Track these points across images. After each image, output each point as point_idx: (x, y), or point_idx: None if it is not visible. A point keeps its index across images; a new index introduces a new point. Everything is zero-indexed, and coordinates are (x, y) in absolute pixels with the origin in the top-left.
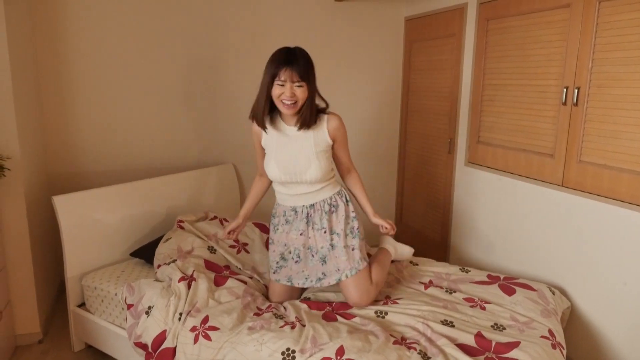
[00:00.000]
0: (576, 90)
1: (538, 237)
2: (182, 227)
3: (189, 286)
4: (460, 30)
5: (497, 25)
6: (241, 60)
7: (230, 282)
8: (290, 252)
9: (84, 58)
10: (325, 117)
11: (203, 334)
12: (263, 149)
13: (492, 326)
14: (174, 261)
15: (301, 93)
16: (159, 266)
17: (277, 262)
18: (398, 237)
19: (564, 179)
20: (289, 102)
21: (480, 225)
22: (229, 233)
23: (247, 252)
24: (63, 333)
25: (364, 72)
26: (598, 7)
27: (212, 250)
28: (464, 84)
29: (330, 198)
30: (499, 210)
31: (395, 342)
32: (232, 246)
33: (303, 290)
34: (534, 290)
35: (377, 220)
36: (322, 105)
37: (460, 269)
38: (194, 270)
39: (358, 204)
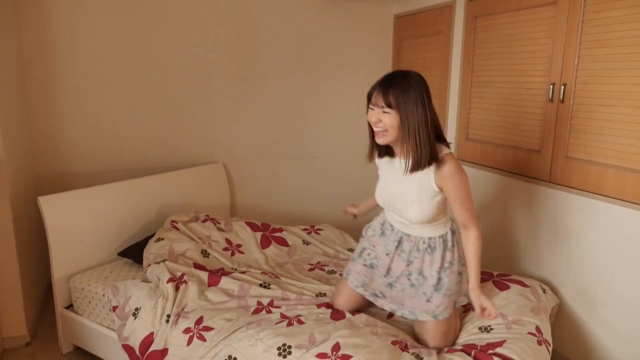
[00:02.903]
0: (562, 87)
1: (526, 232)
2: (176, 228)
3: (177, 288)
4: (448, 27)
5: (485, 23)
6: (230, 59)
7: (224, 281)
8: (377, 264)
9: (71, 57)
10: (436, 165)
11: (197, 335)
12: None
13: (479, 328)
14: (163, 261)
15: (389, 120)
16: (148, 265)
17: (367, 261)
18: None
19: (551, 175)
20: (377, 130)
21: None
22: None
23: (242, 252)
24: (51, 335)
25: (353, 70)
26: (584, 4)
27: (205, 254)
28: (453, 82)
29: (430, 238)
30: (487, 206)
31: (394, 342)
32: (225, 249)
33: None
34: (526, 286)
35: (476, 296)
36: (445, 150)
37: None
38: (183, 273)
39: (471, 271)
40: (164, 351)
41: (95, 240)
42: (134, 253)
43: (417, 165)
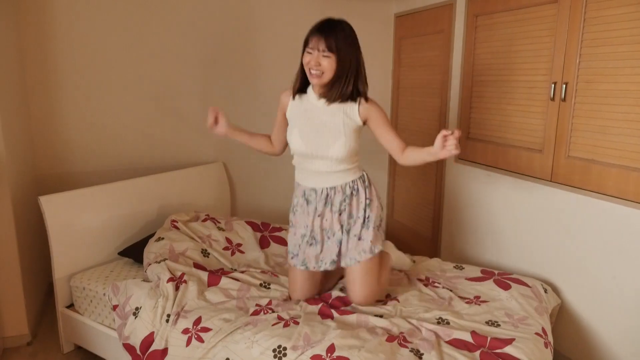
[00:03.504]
0: (564, 86)
1: (527, 232)
2: (176, 227)
3: (177, 288)
4: (449, 26)
5: (486, 21)
6: (230, 58)
7: (224, 281)
8: (306, 235)
9: (71, 57)
10: (360, 99)
11: (196, 335)
12: (285, 121)
13: (487, 322)
14: (164, 260)
15: (328, 64)
16: (149, 264)
17: (299, 246)
18: (389, 233)
19: (553, 174)
20: (314, 72)
21: (471, 221)
22: (215, 115)
23: (242, 252)
24: (52, 334)
25: None
26: (585, 2)
27: (205, 253)
28: (454, 80)
29: (353, 182)
30: (489, 206)
31: (388, 339)
32: (225, 248)
33: (324, 284)
34: (528, 286)
35: (441, 152)
36: (365, 90)
37: (454, 266)
38: (183, 273)
39: (422, 154)
40: (165, 351)
41: (96, 240)
42: (134, 252)
43: (338, 98)
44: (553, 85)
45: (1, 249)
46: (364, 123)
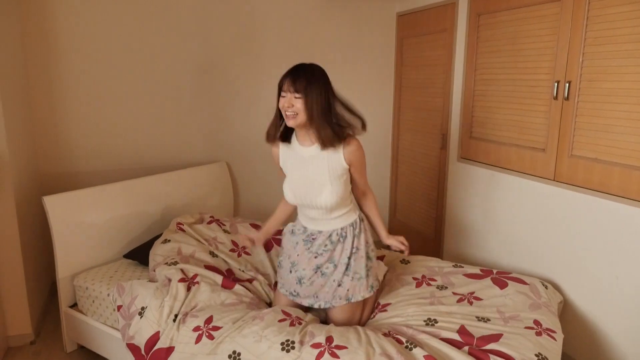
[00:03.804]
0: (567, 85)
1: (531, 231)
2: (182, 230)
3: (188, 288)
4: (451, 25)
5: (488, 20)
6: (234, 59)
7: (238, 288)
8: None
9: (74, 56)
10: (343, 142)
11: (207, 334)
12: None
13: (476, 318)
14: (175, 263)
15: (300, 105)
16: (156, 266)
17: (290, 272)
18: (391, 233)
19: (556, 173)
20: (289, 113)
21: (474, 221)
22: (246, 240)
23: (248, 254)
24: (55, 334)
25: (356, 68)
26: (588, 1)
27: (213, 254)
28: (456, 79)
29: (342, 229)
30: (492, 205)
31: (384, 335)
32: (232, 250)
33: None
34: (526, 284)
35: (390, 241)
36: (349, 131)
37: (453, 265)
38: (196, 274)
39: (375, 223)
40: (170, 349)
41: (100, 240)
42: (139, 255)
43: (326, 143)
44: (556, 84)
45: (5, 249)
46: (350, 166)
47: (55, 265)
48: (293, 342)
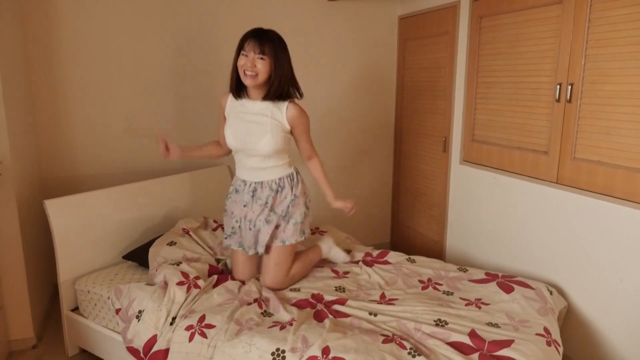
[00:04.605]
0: (569, 87)
1: (533, 234)
2: (188, 234)
3: (187, 290)
4: (453, 28)
5: (490, 23)
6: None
7: (229, 281)
8: (238, 221)
9: (76, 60)
10: (287, 104)
11: (199, 331)
12: (225, 119)
13: (487, 324)
14: (178, 264)
15: (263, 66)
16: (158, 266)
17: (232, 228)
18: (394, 236)
19: (559, 176)
20: (249, 73)
21: (476, 224)
22: (165, 144)
23: None
24: (57, 338)
25: (358, 71)
26: (590, 3)
27: (218, 262)
28: (458, 82)
29: (280, 179)
30: (494, 208)
31: (385, 341)
32: None
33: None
34: (532, 288)
35: (338, 204)
36: (296, 96)
37: (458, 268)
38: (198, 276)
39: (322, 184)
40: (167, 351)
41: (101, 243)
42: (138, 256)
43: (276, 96)
44: (558, 87)
45: (7, 252)
46: (291, 129)
47: (56, 268)
48: (283, 351)
